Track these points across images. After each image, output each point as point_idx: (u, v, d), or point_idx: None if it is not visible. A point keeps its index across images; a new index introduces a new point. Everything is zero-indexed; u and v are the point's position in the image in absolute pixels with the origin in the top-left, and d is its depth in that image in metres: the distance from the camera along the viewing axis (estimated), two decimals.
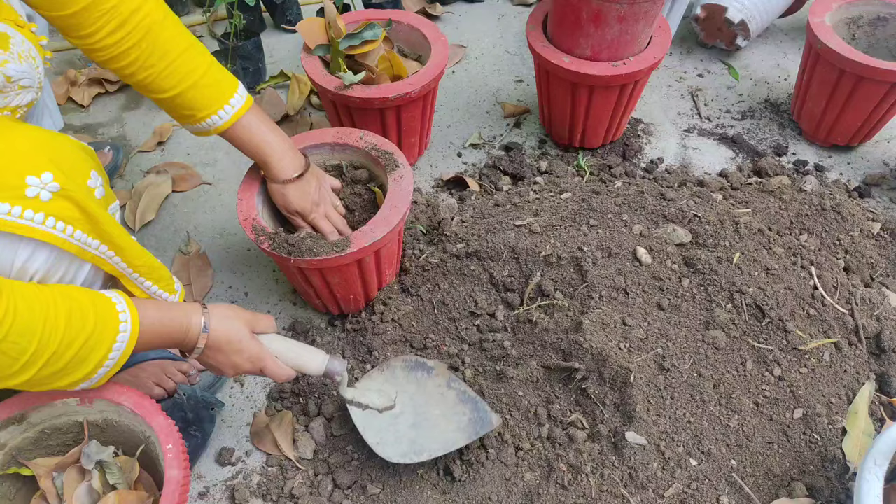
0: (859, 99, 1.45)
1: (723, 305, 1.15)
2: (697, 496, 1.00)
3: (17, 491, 0.92)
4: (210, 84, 1.00)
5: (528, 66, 1.86)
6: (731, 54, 1.91)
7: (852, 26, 1.59)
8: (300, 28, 1.37)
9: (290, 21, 1.95)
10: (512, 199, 1.41)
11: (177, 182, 1.54)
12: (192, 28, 2.00)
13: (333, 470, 1.05)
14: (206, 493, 1.06)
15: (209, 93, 1.00)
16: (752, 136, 1.66)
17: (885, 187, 1.52)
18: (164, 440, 0.86)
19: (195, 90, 0.98)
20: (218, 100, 1.01)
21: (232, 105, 1.02)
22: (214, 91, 1.00)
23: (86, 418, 0.92)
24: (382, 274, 1.21)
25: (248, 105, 1.05)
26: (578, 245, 1.21)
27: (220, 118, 1.01)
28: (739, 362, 1.11)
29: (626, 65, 1.38)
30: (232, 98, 1.02)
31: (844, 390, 1.11)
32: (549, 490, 1.00)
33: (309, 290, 1.19)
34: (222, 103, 1.01)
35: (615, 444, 1.04)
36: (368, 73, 1.35)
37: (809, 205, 1.33)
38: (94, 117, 1.72)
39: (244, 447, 1.11)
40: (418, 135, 1.49)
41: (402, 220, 1.11)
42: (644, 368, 1.08)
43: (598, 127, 1.52)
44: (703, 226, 1.25)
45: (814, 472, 1.03)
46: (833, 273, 1.20)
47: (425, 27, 1.47)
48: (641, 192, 1.36)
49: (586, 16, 1.33)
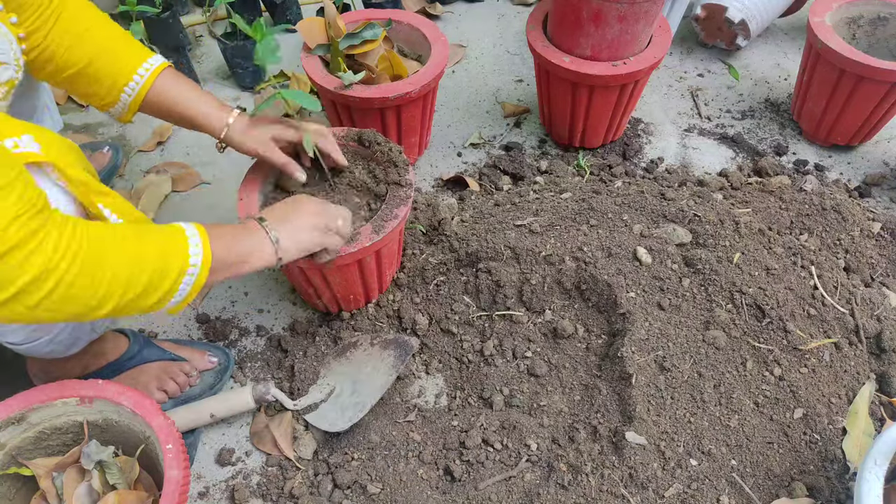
0: (859, 99, 1.45)
1: (723, 305, 1.15)
2: (697, 496, 1.00)
3: (17, 491, 0.92)
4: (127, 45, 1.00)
5: (528, 66, 1.86)
6: (731, 54, 1.91)
7: (852, 26, 1.59)
8: (300, 27, 1.37)
9: (290, 21, 1.95)
10: (512, 199, 1.41)
11: (176, 182, 1.54)
12: (192, 28, 2.00)
13: (333, 470, 1.05)
14: (205, 493, 1.06)
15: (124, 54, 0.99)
16: (753, 135, 1.66)
17: (885, 187, 1.52)
18: (164, 440, 0.86)
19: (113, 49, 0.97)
20: (134, 61, 1.00)
21: (150, 63, 1.01)
22: (129, 53, 1.00)
23: (86, 418, 0.92)
24: (383, 274, 1.21)
25: (165, 65, 1.04)
26: (578, 245, 1.21)
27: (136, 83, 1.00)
28: (739, 362, 1.11)
29: (627, 64, 1.38)
30: (149, 58, 1.01)
31: (844, 390, 1.11)
32: (549, 490, 1.00)
33: (309, 290, 1.19)
34: (138, 64, 1.00)
35: (615, 444, 1.03)
36: (368, 72, 1.35)
37: (809, 205, 1.33)
38: (94, 117, 1.72)
39: (244, 447, 1.11)
40: (418, 134, 1.48)
41: (402, 220, 1.11)
42: (644, 368, 1.08)
43: (598, 127, 1.52)
44: (703, 226, 1.25)
45: (814, 472, 1.03)
46: (833, 273, 1.20)
47: (425, 27, 1.47)
48: (641, 191, 1.36)
49: (586, 15, 1.33)
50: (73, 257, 0.67)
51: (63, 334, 0.91)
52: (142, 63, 1.01)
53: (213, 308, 1.30)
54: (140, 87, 1.00)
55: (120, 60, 0.99)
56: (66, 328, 0.90)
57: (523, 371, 1.15)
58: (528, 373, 1.15)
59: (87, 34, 0.96)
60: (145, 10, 1.54)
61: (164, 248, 0.77)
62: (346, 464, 1.06)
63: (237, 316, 1.29)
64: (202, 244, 0.81)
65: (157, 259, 0.76)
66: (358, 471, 1.05)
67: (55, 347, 0.93)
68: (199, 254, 0.80)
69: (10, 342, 0.88)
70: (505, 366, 1.16)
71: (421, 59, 1.48)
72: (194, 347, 1.19)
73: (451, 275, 1.26)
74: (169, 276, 0.77)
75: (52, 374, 1.05)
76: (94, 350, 1.07)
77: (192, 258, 0.79)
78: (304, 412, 1.11)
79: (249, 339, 1.25)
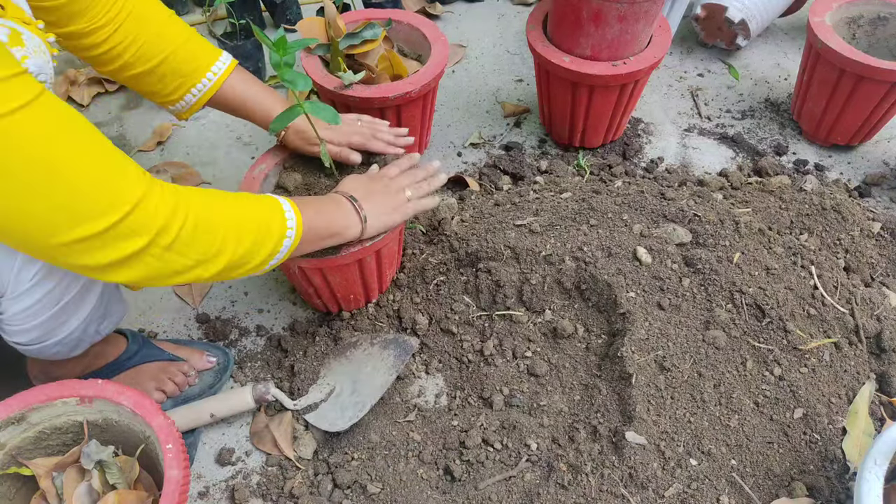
0: (859, 98, 1.45)
1: (723, 305, 1.15)
2: (697, 496, 1.00)
3: (17, 491, 0.92)
4: (199, 43, 1.02)
5: (528, 66, 1.86)
6: (731, 54, 1.91)
7: (852, 26, 1.59)
8: (300, 27, 1.37)
9: (289, 20, 1.95)
10: (512, 199, 1.41)
11: (176, 181, 1.53)
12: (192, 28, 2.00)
13: (333, 470, 1.05)
14: (205, 492, 1.06)
15: (197, 56, 1.01)
16: (753, 135, 1.66)
17: (885, 187, 1.52)
18: (164, 440, 0.86)
19: (184, 49, 0.99)
20: (204, 63, 1.02)
21: (220, 64, 1.04)
22: (201, 54, 1.02)
23: (86, 418, 0.92)
24: (383, 274, 1.21)
25: (234, 65, 1.07)
26: (578, 245, 1.21)
27: (203, 85, 1.02)
28: (739, 362, 1.11)
29: (627, 64, 1.38)
30: (219, 58, 1.04)
31: (844, 390, 1.11)
32: (549, 490, 1.00)
33: (309, 290, 1.19)
34: (208, 67, 1.02)
35: (615, 443, 1.03)
36: (368, 72, 1.35)
37: (809, 204, 1.33)
38: (94, 117, 1.72)
39: (244, 447, 1.11)
40: (418, 134, 1.48)
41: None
42: (644, 368, 1.08)
43: (598, 126, 1.52)
44: (703, 225, 1.25)
45: (814, 472, 1.03)
46: (833, 273, 1.20)
47: (425, 27, 1.47)
48: (641, 191, 1.36)
49: (586, 15, 1.33)
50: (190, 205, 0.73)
51: (70, 336, 0.91)
52: (211, 66, 1.03)
53: (213, 308, 1.30)
54: (207, 88, 1.03)
55: (191, 62, 1.01)
56: (74, 330, 0.90)
57: (523, 371, 1.15)
58: (528, 373, 1.15)
59: (161, 33, 0.97)
60: None
61: (263, 213, 0.83)
62: (346, 464, 1.06)
63: (237, 316, 1.29)
64: (295, 212, 0.87)
65: (260, 221, 0.82)
66: (358, 471, 1.05)
67: (61, 349, 0.93)
68: (294, 220, 0.86)
69: (18, 342, 0.88)
70: (505, 366, 1.16)
71: (421, 58, 1.48)
72: (193, 347, 1.19)
73: (451, 275, 1.26)
74: (271, 238, 0.83)
75: (52, 375, 1.05)
76: (93, 350, 1.07)
77: (289, 222, 0.86)
78: (304, 412, 1.11)
79: (249, 339, 1.25)
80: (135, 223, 0.68)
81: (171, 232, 0.71)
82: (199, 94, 1.04)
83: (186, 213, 0.73)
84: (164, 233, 0.70)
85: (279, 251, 0.85)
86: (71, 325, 0.89)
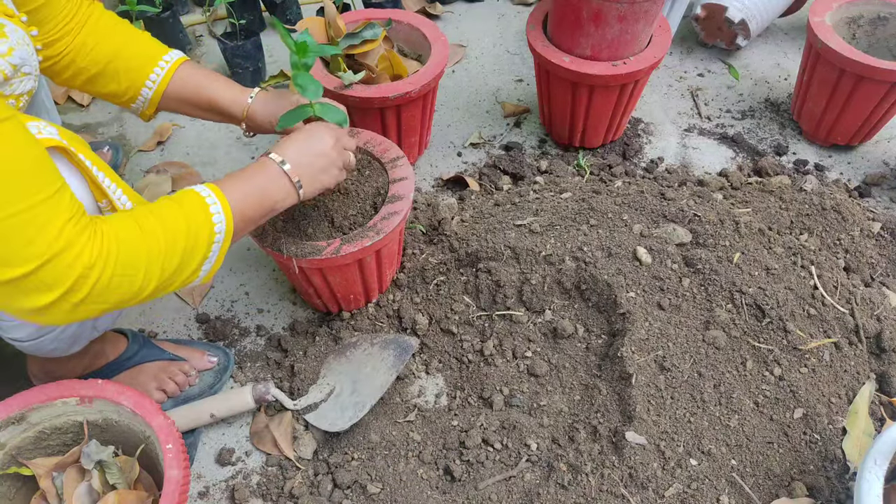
0: (859, 98, 1.45)
1: (723, 305, 1.15)
2: (697, 496, 1.00)
3: (17, 491, 0.92)
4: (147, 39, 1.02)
5: (528, 66, 1.86)
6: (731, 54, 1.91)
7: (852, 26, 1.59)
8: (300, 27, 1.37)
9: (289, 20, 1.95)
10: (512, 199, 1.41)
11: (177, 181, 1.53)
12: (192, 28, 2.00)
13: (333, 470, 1.05)
14: (205, 492, 1.06)
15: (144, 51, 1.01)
16: (753, 135, 1.66)
17: (885, 187, 1.52)
18: (164, 440, 0.86)
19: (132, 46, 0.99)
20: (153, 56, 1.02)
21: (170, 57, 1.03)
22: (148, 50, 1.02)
23: (86, 418, 0.92)
24: (383, 274, 1.21)
25: (184, 59, 1.05)
26: (578, 245, 1.21)
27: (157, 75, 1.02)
28: (739, 362, 1.11)
29: (627, 64, 1.38)
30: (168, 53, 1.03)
31: (844, 390, 1.11)
32: (549, 490, 1.00)
33: (309, 290, 1.19)
34: (157, 59, 1.02)
35: (615, 443, 1.03)
36: (368, 72, 1.35)
37: (809, 204, 1.33)
38: (94, 117, 1.72)
39: (244, 447, 1.11)
40: (418, 134, 1.48)
41: (403, 220, 1.11)
42: (644, 368, 1.08)
43: (598, 126, 1.52)
44: (703, 225, 1.25)
45: (814, 472, 1.03)
46: (833, 273, 1.20)
47: (425, 27, 1.47)
48: (641, 191, 1.36)
49: (586, 15, 1.33)
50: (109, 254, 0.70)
51: (66, 332, 0.91)
52: (161, 57, 1.02)
53: (213, 308, 1.30)
54: (160, 80, 1.02)
55: (139, 57, 1.01)
56: (70, 326, 0.90)
57: (523, 371, 1.15)
58: (528, 373, 1.15)
59: (108, 35, 0.98)
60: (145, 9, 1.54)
61: (189, 225, 0.79)
62: (346, 464, 1.06)
63: (237, 316, 1.29)
64: (222, 204, 0.83)
65: (186, 237, 0.78)
66: (358, 471, 1.05)
67: (58, 345, 0.93)
68: (223, 220, 0.82)
69: (14, 338, 0.88)
70: (505, 366, 1.16)
71: (421, 58, 1.48)
72: (194, 347, 1.19)
73: (451, 275, 1.26)
74: (199, 249, 0.80)
75: (52, 374, 1.05)
76: (93, 350, 1.07)
77: (217, 226, 0.81)
78: (304, 412, 1.11)
79: (249, 339, 1.25)
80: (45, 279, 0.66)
81: (83, 288, 0.69)
82: (154, 86, 1.02)
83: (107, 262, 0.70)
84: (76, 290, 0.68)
85: (209, 256, 0.82)
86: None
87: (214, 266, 0.84)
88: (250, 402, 1.08)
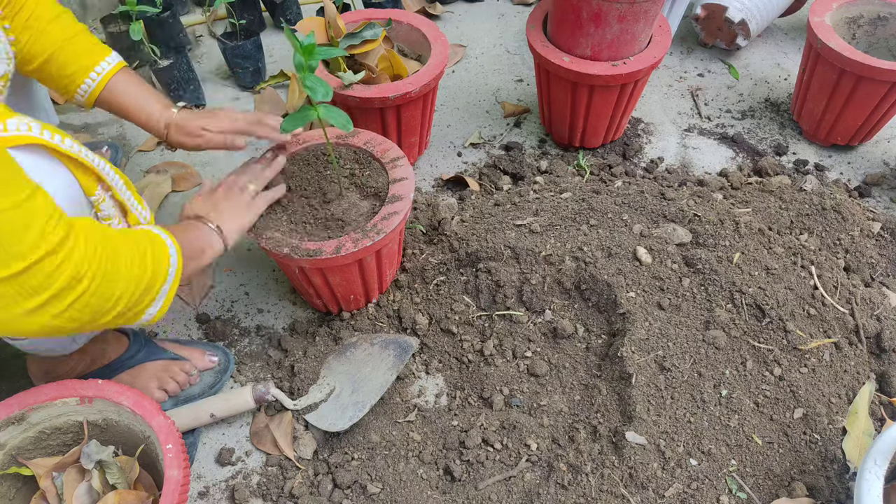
0: (859, 98, 1.45)
1: (723, 305, 1.15)
2: (697, 496, 1.00)
3: (17, 491, 0.92)
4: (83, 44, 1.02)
5: (528, 66, 1.86)
6: (731, 54, 1.91)
7: (852, 26, 1.59)
8: (300, 27, 1.37)
9: (289, 20, 1.95)
10: (512, 199, 1.41)
11: (176, 181, 1.54)
12: (192, 28, 2.00)
13: (333, 470, 1.05)
14: (205, 492, 1.06)
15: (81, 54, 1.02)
16: (753, 135, 1.66)
17: (885, 187, 1.52)
18: (164, 440, 0.86)
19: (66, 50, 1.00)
20: (89, 61, 1.02)
21: (106, 63, 1.04)
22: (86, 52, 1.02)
23: (86, 418, 0.92)
24: (383, 274, 1.21)
25: (120, 66, 1.06)
26: (578, 245, 1.21)
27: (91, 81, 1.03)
28: (739, 362, 1.11)
29: (626, 64, 1.38)
30: (106, 58, 1.04)
31: (844, 390, 1.11)
32: (549, 490, 1.00)
33: (309, 290, 1.19)
34: (93, 65, 1.02)
35: (615, 443, 1.04)
36: (368, 72, 1.35)
37: (809, 204, 1.33)
38: (94, 117, 1.72)
39: (244, 447, 1.11)
40: (418, 134, 1.48)
41: (403, 220, 1.11)
42: (644, 368, 1.08)
43: (598, 126, 1.52)
44: (703, 225, 1.25)
45: (814, 472, 1.03)
46: (833, 273, 1.20)
47: (425, 26, 1.47)
48: (641, 191, 1.36)
49: (586, 15, 1.33)
50: (97, 263, 0.70)
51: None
52: (97, 63, 1.03)
53: (213, 308, 1.30)
54: (94, 86, 1.03)
55: (76, 60, 1.01)
56: None
57: (523, 371, 1.15)
58: (528, 373, 1.15)
59: (47, 30, 0.98)
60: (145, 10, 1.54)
61: (153, 252, 0.80)
62: (346, 464, 1.06)
63: (237, 316, 1.29)
64: (176, 248, 0.84)
65: (152, 262, 0.78)
66: (358, 471, 1.05)
67: (56, 345, 0.93)
68: (176, 256, 0.83)
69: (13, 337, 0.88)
70: (505, 366, 1.16)
71: (421, 58, 1.48)
72: (194, 347, 1.19)
73: (451, 275, 1.26)
74: (159, 278, 0.80)
75: (52, 374, 1.05)
76: (94, 350, 1.07)
77: (172, 258, 0.82)
78: (304, 412, 1.11)
79: (249, 339, 1.25)
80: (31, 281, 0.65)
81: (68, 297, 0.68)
82: (88, 91, 1.04)
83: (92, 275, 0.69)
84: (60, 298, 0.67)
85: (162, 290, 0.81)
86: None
87: (161, 309, 0.82)
88: (250, 402, 1.08)
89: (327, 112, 0.98)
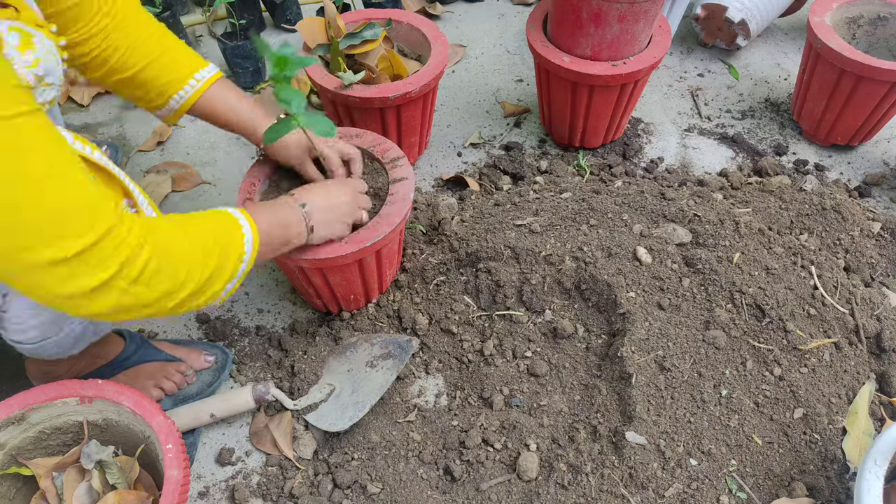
0: (859, 98, 1.45)
1: (723, 305, 1.15)
2: (697, 496, 1.00)
3: (17, 491, 0.92)
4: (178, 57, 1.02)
5: (528, 66, 1.86)
6: (731, 54, 1.91)
7: (852, 26, 1.59)
8: (300, 27, 1.37)
9: (289, 20, 1.95)
10: (512, 199, 1.41)
11: (177, 181, 1.54)
12: (192, 28, 2.00)
13: (333, 470, 1.05)
14: (205, 492, 1.06)
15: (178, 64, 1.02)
16: (753, 135, 1.66)
17: (885, 187, 1.52)
18: (164, 440, 0.86)
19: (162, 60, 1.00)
20: (186, 71, 1.02)
21: (203, 74, 1.04)
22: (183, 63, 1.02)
23: (86, 418, 0.92)
24: (383, 274, 1.21)
25: (218, 76, 1.06)
26: (578, 245, 1.21)
27: (185, 92, 1.03)
28: (739, 362, 1.11)
29: (626, 64, 1.38)
30: (202, 69, 1.04)
31: (844, 390, 1.11)
32: (549, 490, 1.00)
33: (309, 290, 1.19)
34: (190, 75, 1.03)
35: (615, 443, 1.03)
36: (368, 72, 1.35)
37: (809, 204, 1.33)
38: (94, 117, 1.72)
39: (244, 447, 1.11)
40: (418, 134, 1.48)
41: (403, 220, 1.11)
42: (644, 368, 1.08)
43: (598, 126, 1.52)
44: (703, 225, 1.25)
45: (814, 472, 1.03)
46: (833, 273, 1.20)
47: (425, 26, 1.47)
48: (641, 191, 1.36)
49: (586, 15, 1.33)
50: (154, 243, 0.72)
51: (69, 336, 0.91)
52: (194, 74, 1.03)
53: (213, 308, 1.30)
54: (189, 96, 1.03)
55: (173, 70, 1.01)
56: (73, 329, 0.90)
57: (523, 371, 1.15)
58: (528, 373, 1.15)
59: (145, 41, 0.98)
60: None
61: (223, 237, 0.82)
62: (346, 464, 1.06)
63: (237, 316, 1.29)
64: (251, 227, 0.86)
65: (219, 247, 0.80)
66: (358, 471, 1.05)
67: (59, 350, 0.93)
68: (251, 241, 0.85)
69: (17, 341, 0.88)
70: (505, 366, 1.16)
71: (421, 58, 1.48)
72: (191, 347, 1.19)
73: (451, 275, 1.26)
74: (229, 264, 0.82)
75: (50, 375, 1.05)
76: (92, 351, 1.07)
77: (246, 245, 0.84)
78: (304, 412, 1.11)
79: (249, 339, 1.25)
80: (102, 252, 0.67)
81: (136, 265, 0.70)
82: (182, 100, 1.04)
83: (154, 248, 0.72)
84: (130, 265, 0.70)
85: (236, 274, 0.83)
86: (71, 324, 0.89)
87: (234, 287, 0.85)
88: (250, 402, 1.08)
89: (308, 119, 0.97)
